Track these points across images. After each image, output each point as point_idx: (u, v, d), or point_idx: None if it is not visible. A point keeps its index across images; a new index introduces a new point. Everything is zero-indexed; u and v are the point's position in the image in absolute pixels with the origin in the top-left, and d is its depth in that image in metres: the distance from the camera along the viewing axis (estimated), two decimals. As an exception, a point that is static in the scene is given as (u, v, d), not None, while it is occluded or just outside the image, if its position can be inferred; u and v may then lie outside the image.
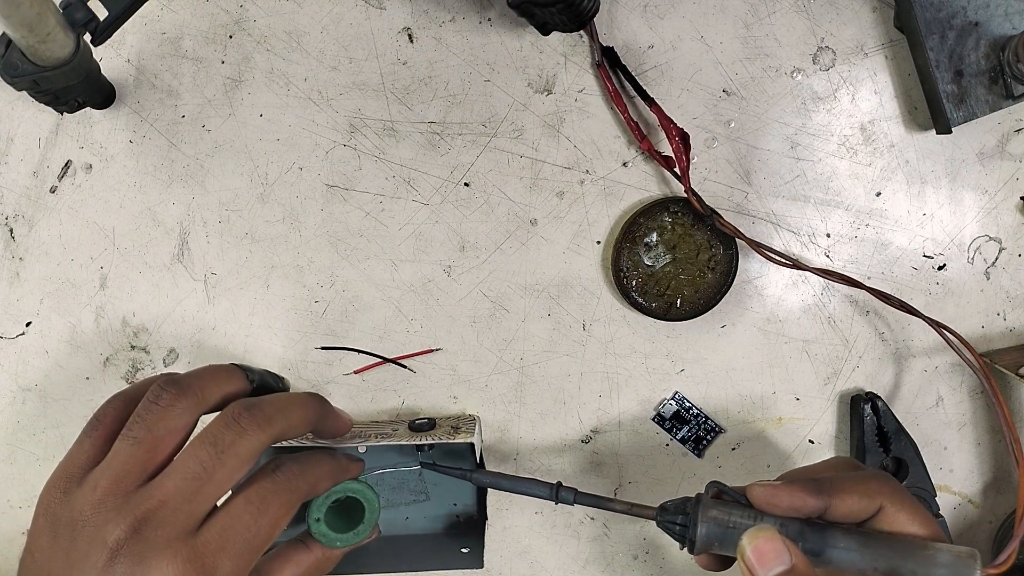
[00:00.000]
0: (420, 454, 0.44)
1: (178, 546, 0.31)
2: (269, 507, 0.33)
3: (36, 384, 0.47)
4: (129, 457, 0.33)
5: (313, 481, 0.36)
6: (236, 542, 0.32)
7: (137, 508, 0.32)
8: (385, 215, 0.46)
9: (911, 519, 0.35)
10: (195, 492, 0.32)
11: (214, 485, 0.33)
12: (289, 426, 0.35)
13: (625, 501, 0.40)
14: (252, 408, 0.34)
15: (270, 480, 0.34)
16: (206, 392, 0.35)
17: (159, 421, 0.33)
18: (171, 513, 0.32)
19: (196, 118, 0.46)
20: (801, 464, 0.49)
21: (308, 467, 0.36)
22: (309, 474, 0.35)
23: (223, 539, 0.32)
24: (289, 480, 0.35)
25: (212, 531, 0.32)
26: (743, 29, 0.46)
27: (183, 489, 0.32)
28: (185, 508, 0.32)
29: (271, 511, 0.33)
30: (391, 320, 0.47)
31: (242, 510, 0.33)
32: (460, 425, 0.46)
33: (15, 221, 0.46)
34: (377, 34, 0.45)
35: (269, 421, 0.34)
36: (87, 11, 0.36)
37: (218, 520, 0.32)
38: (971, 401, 0.49)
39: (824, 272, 0.45)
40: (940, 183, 0.47)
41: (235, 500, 0.33)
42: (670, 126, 0.44)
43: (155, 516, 0.32)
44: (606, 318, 0.48)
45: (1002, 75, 0.43)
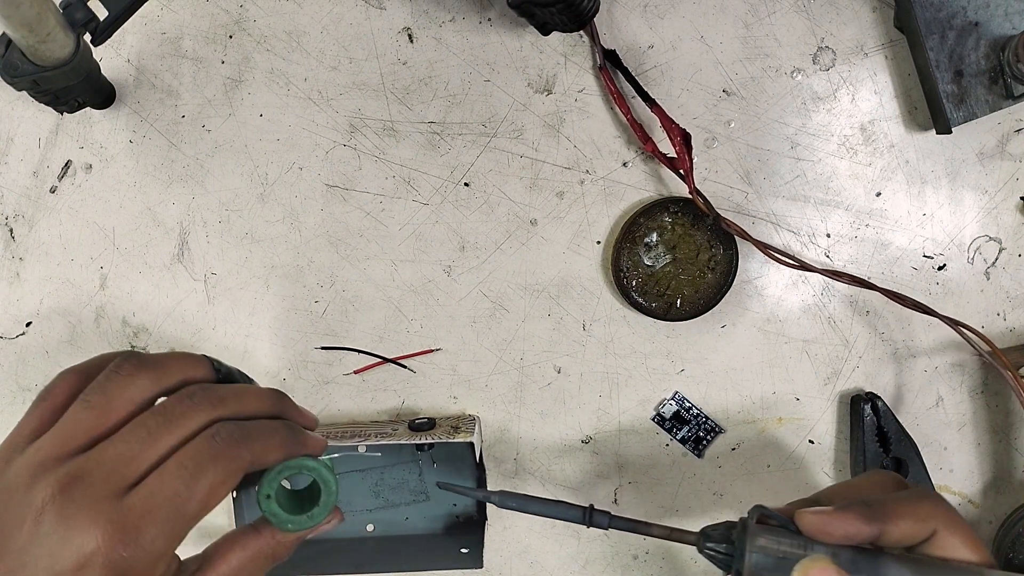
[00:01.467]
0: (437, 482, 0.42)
1: (103, 506, 0.30)
2: (204, 472, 0.31)
3: (36, 384, 0.47)
4: (77, 421, 0.32)
5: (259, 451, 0.33)
6: (164, 507, 0.31)
7: (70, 468, 0.31)
8: (385, 215, 0.46)
9: (964, 544, 0.33)
10: (133, 456, 0.31)
11: (154, 451, 0.31)
12: (242, 411, 0.34)
13: (664, 526, 0.37)
14: (207, 389, 0.34)
15: (208, 444, 0.32)
16: (168, 371, 0.34)
17: (116, 388, 0.33)
18: (103, 474, 0.31)
19: (196, 118, 0.46)
20: (800, 464, 0.49)
21: (253, 434, 0.33)
22: (254, 442, 0.33)
23: (150, 503, 0.31)
24: (229, 446, 0.32)
25: (139, 494, 0.31)
26: (743, 29, 0.46)
27: (123, 453, 0.31)
28: (119, 470, 0.31)
29: (206, 477, 0.31)
30: (391, 320, 0.47)
31: (173, 475, 0.31)
32: (460, 425, 0.46)
33: (15, 221, 0.46)
34: (377, 34, 0.45)
35: (222, 401, 0.33)
36: (87, 11, 0.36)
37: (147, 484, 0.31)
38: (971, 401, 0.49)
39: (835, 274, 0.45)
40: (940, 183, 0.47)
41: (167, 464, 0.31)
42: (672, 127, 0.44)
43: (86, 476, 0.31)
44: (606, 318, 0.48)
45: (1002, 75, 0.43)
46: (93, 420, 0.32)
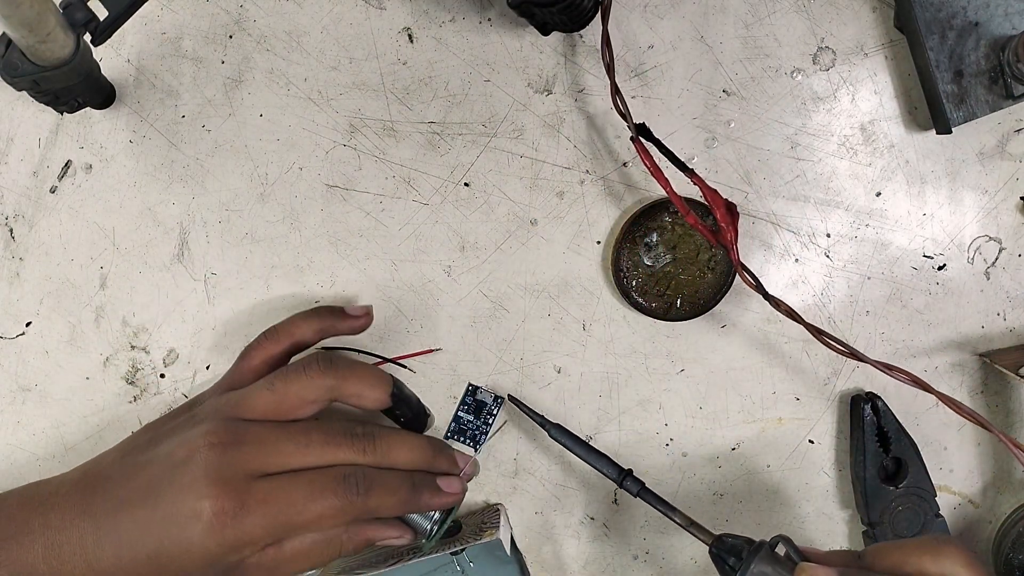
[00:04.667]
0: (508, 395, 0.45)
1: (238, 478, 0.35)
2: (321, 501, 0.36)
3: (36, 384, 0.47)
4: (259, 397, 0.38)
5: (373, 506, 0.38)
6: (277, 506, 0.36)
7: (236, 432, 0.37)
8: (385, 215, 0.46)
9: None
10: (284, 454, 0.37)
11: (301, 459, 0.37)
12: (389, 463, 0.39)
13: (687, 516, 0.40)
14: (370, 433, 0.39)
15: (337, 482, 0.37)
16: (347, 385, 0.39)
17: (297, 386, 0.38)
18: (255, 452, 0.36)
19: (196, 118, 0.46)
20: (800, 464, 0.49)
21: (375, 491, 0.38)
22: (372, 499, 0.38)
23: (270, 497, 0.36)
24: (350, 494, 0.37)
25: (267, 485, 0.36)
26: (743, 29, 0.46)
27: (279, 446, 0.37)
28: (267, 457, 0.36)
29: (319, 505, 0.36)
30: (391, 320, 0.47)
31: (299, 487, 0.36)
32: (485, 520, 0.46)
33: (15, 221, 0.46)
34: (377, 34, 0.45)
35: (374, 449, 0.39)
36: (87, 11, 0.36)
37: (278, 480, 0.36)
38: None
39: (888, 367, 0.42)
40: (940, 183, 0.47)
41: (300, 476, 0.37)
42: (716, 198, 0.42)
43: (243, 446, 0.36)
44: (606, 318, 0.48)
45: (1002, 75, 0.43)
46: (270, 404, 0.38)
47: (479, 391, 0.48)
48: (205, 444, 0.36)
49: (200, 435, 0.36)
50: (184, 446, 0.36)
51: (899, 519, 0.47)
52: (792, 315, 0.42)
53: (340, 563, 0.48)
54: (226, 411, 0.38)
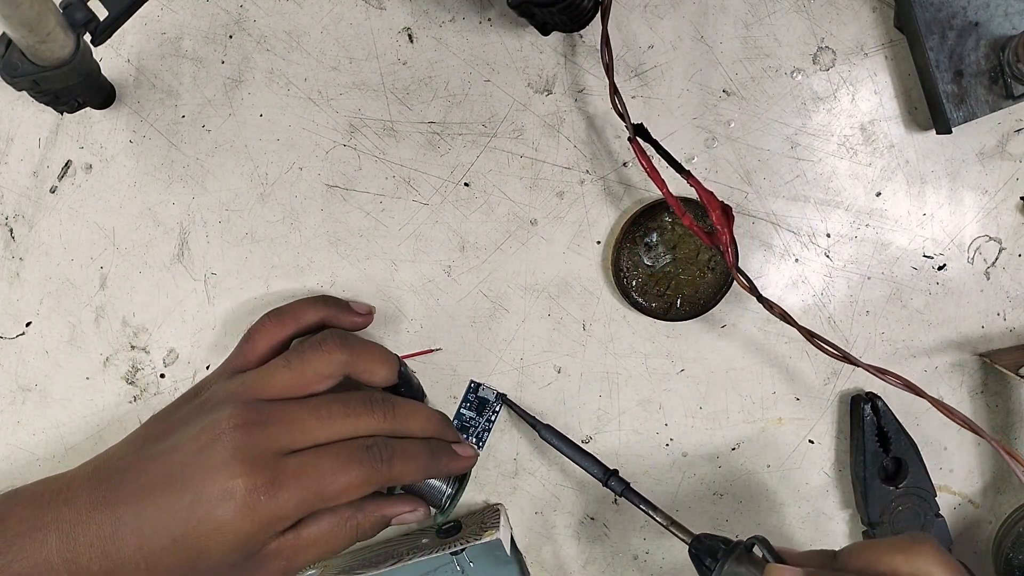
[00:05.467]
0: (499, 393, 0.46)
1: (267, 456, 0.36)
2: (349, 470, 0.37)
3: (36, 384, 0.47)
4: (276, 376, 0.39)
5: (397, 472, 0.38)
6: (308, 479, 0.36)
7: (259, 411, 0.37)
8: (385, 215, 0.46)
9: None
10: (308, 429, 0.37)
11: (325, 432, 0.37)
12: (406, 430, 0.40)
13: (668, 515, 0.41)
14: (387, 400, 0.40)
15: (362, 451, 0.37)
16: (362, 360, 0.40)
17: (314, 361, 0.39)
18: (281, 430, 0.37)
19: (196, 118, 0.46)
20: (800, 464, 0.49)
21: (398, 458, 0.38)
22: (396, 465, 0.38)
23: (300, 471, 0.36)
24: (375, 461, 0.38)
25: (297, 460, 0.36)
26: (743, 29, 0.46)
27: (303, 421, 0.37)
28: (292, 434, 0.37)
29: (348, 475, 0.37)
30: (391, 320, 0.47)
31: (327, 459, 0.37)
32: (486, 520, 0.46)
33: (15, 221, 0.46)
34: (377, 34, 0.45)
35: (394, 416, 0.39)
36: (87, 11, 0.35)
37: (306, 455, 0.37)
38: (971, 401, 0.49)
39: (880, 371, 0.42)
40: (940, 183, 0.47)
41: (327, 448, 0.37)
42: (712, 200, 0.41)
43: (267, 425, 0.37)
44: (606, 318, 0.48)
45: (1002, 75, 0.43)
46: (288, 381, 0.39)
47: (481, 388, 0.48)
48: (230, 426, 0.36)
49: (224, 418, 0.36)
50: (208, 430, 0.36)
51: (899, 519, 0.47)
52: (786, 318, 0.42)
53: (340, 562, 0.48)
54: (244, 392, 0.39)
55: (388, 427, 0.39)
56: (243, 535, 0.35)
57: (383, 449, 0.38)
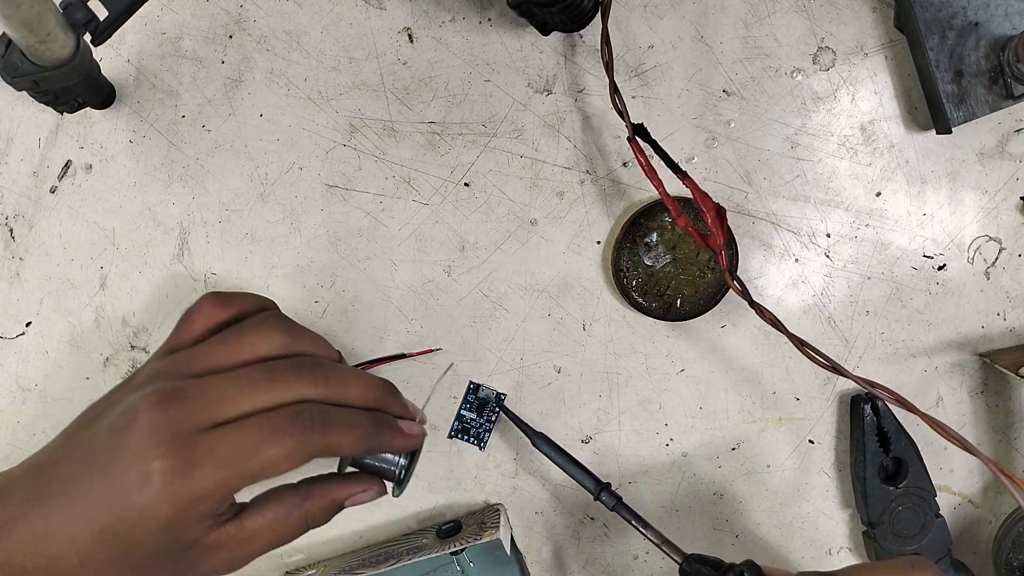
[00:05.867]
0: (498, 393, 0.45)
1: (183, 432, 0.33)
2: (274, 442, 0.33)
3: (36, 384, 0.47)
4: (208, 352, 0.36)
5: (334, 442, 0.34)
6: (225, 456, 0.33)
7: (177, 385, 0.34)
8: (385, 215, 0.46)
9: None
10: (229, 399, 0.34)
11: (248, 401, 0.34)
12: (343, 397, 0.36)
13: (660, 533, 0.41)
14: (319, 364, 0.36)
15: (288, 420, 0.34)
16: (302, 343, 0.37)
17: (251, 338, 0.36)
18: (199, 404, 0.33)
19: (196, 118, 0.46)
20: (800, 464, 0.49)
21: (333, 424, 0.35)
22: (331, 433, 0.34)
23: (216, 447, 0.33)
24: (306, 430, 0.34)
25: (213, 435, 0.33)
26: (743, 29, 0.46)
27: (223, 391, 0.34)
28: (212, 407, 0.33)
29: (272, 448, 0.33)
30: (391, 320, 0.47)
31: (247, 432, 0.33)
32: (485, 520, 0.46)
33: (15, 221, 0.46)
34: (377, 34, 0.45)
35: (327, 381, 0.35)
36: (87, 11, 0.36)
37: (223, 430, 0.33)
38: (971, 401, 0.49)
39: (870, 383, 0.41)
40: (940, 183, 0.47)
41: (248, 420, 0.33)
42: (707, 201, 0.41)
43: (185, 399, 0.33)
44: (606, 318, 0.48)
45: (1002, 75, 0.43)
46: (220, 357, 0.36)
47: (481, 388, 0.48)
48: (147, 404, 0.33)
49: (142, 397, 0.34)
50: (126, 413, 0.34)
51: (899, 519, 0.47)
52: (776, 324, 0.42)
53: (339, 562, 0.48)
54: (170, 369, 0.36)
55: (321, 393, 0.35)
56: (166, 520, 0.32)
57: (315, 416, 0.34)
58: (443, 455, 0.48)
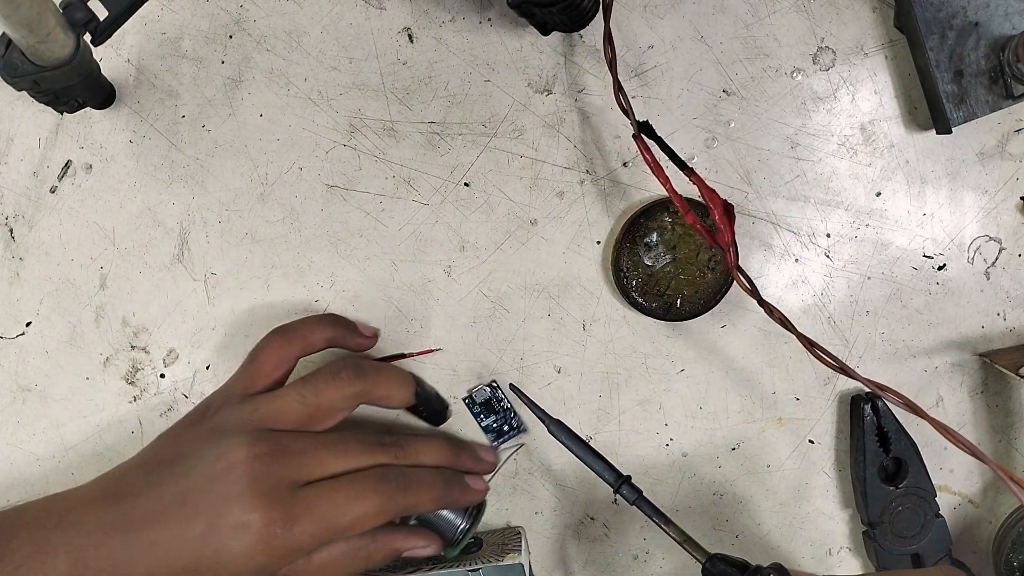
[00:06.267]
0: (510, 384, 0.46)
1: (282, 489, 0.35)
2: (364, 501, 0.37)
3: (36, 384, 0.47)
4: (289, 410, 0.38)
5: (412, 503, 0.39)
6: (323, 512, 0.36)
7: (275, 443, 0.37)
8: (385, 215, 0.46)
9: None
10: (323, 463, 0.37)
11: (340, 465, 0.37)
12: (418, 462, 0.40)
13: (683, 531, 0.41)
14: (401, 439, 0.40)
15: (376, 482, 0.37)
16: (378, 387, 0.40)
17: (328, 394, 0.39)
18: (296, 464, 0.36)
19: (196, 118, 0.46)
20: (800, 464, 0.49)
21: (413, 488, 0.39)
22: (411, 495, 0.38)
23: (315, 503, 0.36)
24: (390, 491, 0.38)
25: (311, 492, 0.36)
26: (743, 29, 0.46)
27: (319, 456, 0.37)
28: (308, 467, 0.37)
29: (363, 506, 0.36)
30: (391, 320, 0.47)
31: (342, 491, 0.36)
32: (507, 542, 0.46)
33: (15, 221, 0.46)
34: (377, 34, 0.45)
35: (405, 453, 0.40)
36: (87, 11, 0.36)
37: (320, 487, 0.37)
38: (971, 401, 0.49)
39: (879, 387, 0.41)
40: (940, 183, 0.47)
41: (341, 479, 0.37)
42: (714, 198, 0.41)
43: (282, 459, 0.36)
44: (606, 318, 0.48)
45: (1002, 75, 0.43)
46: (302, 415, 0.38)
47: (475, 392, 0.48)
48: (245, 457, 0.36)
49: (238, 447, 0.36)
50: (221, 459, 0.36)
51: (899, 519, 0.47)
52: (785, 323, 0.42)
53: None
54: (257, 421, 0.38)
55: (401, 463, 0.40)
56: (256, 567, 0.35)
57: (398, 479, 0.38)
58: (443, 455, 0.48)
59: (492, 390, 0.48)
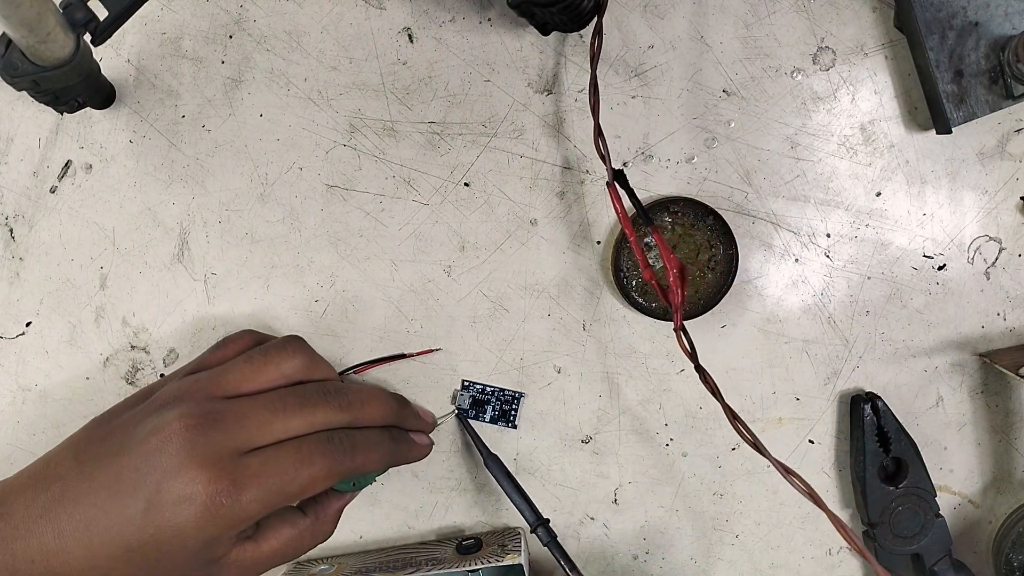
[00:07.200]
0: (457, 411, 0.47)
1: (224, 455, 0.34)
2: (312, 464, 0.35)
3: (36, 384, 0.47)
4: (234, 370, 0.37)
5: (360, 462, 0.38)
6: (270, 478, 0.34)
7: (214, 407, 0.35)
8: (385, 215, 0.46)
9: None
10: (265, 423, 0.35)
11: (282, 425, 0.36)
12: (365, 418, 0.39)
13: None
14: (342, 390, 0.39)
15: (323, 444, 0.36)
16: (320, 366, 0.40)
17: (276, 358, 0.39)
18: (237, 428, 0.35)
19: (196, 118, 0.46)
20: (801, 464, 0.49)
21: (360, 447, 0.38)
22: (359, 455, 0.37)
23: (262, 469, 0.34)
24: (338, 452, 0.36)
25: (257, 458, 0.35)
26: (743, 29, 0.46)
27: (259, 415, 0.36)
28: (250, 430, 0.35)
29: (311, 469, 0.35)
30: (391, 320, 0.47)
31: (288, 455, 0.35)
32: (507, 543, 0.46)
33: (15, 221, 0.46)
34: (377, 34, 0.45)
35: (350, 406, 0.38)
36: (87, 11, 0.36)
37: (265, 452, 0.35)
38: (971, 401, 0.49)
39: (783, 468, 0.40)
40: (940, 183, 0.47)
41: (286, 444, 0.36)
42: (669, 256, 0.41)
43: (222, 422, 0.35)
44: (606, 318, 0.48)
45: (1002, 75, 0.43)
46: (247, 375, 0.37)
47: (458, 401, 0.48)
48: (183, 426, 0.34)
49: (175, 417, 0.34)
50: (157, 432, 0.34)
51: (899, 519, 0.47)
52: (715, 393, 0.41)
53: (355, 561, 0.48)
54: (197, 390, 0.36)
55: (346, 417, 0.38)
56: (205, 540, 0.33)
57: (345, 440, 0.37)
58: (445, 454, 0.48)
59: (467, 389, 0.48)
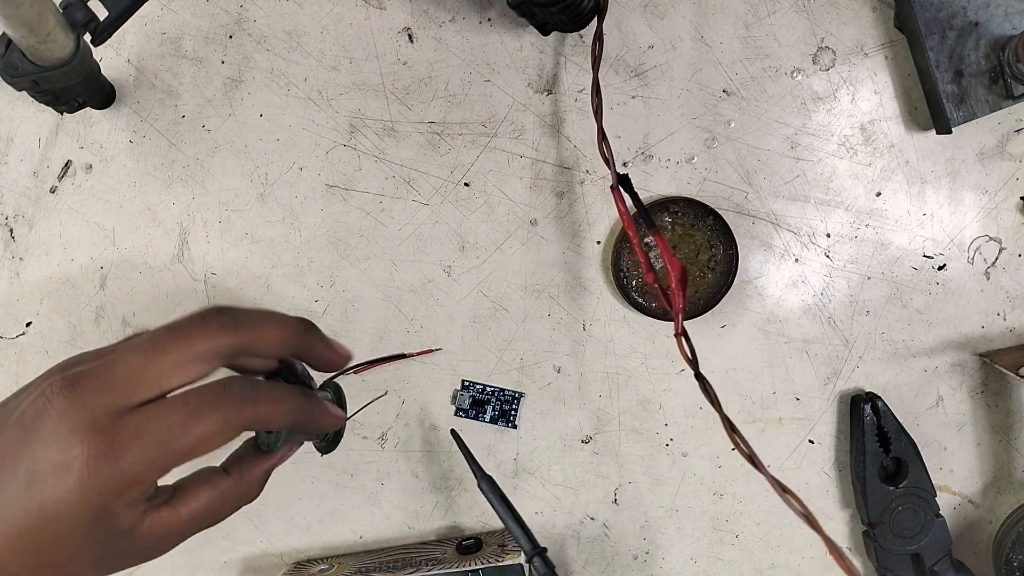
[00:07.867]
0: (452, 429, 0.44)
1: (100, 415, 0.30)
2: (203, 417, 0.31)
3: (36, 384, 0.47)
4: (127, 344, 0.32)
5: (263, 415, 0.33)
6: (155, 436, 0.30)
7: (84, 367, 0.31)
8: (385, 215, 0.46)
9: None
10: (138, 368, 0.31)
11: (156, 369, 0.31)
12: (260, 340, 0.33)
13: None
14: (224, 311, 0.33)
15: (215, 392, 0.32)
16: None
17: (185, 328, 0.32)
18: (110, 381, 0.31)
19: (196, 118, 0.46)
20: (801, 464, 0.49)
21: (263, 398, 0.33)
22: (261, 406, 0.33)
23: (144, 428, 0.30)
24: (236, 401, 0.32)
25: (137, 416, 0.31)
26: (743, 29, 0.46)
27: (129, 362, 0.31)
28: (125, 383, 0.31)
29: (203, 422, 0.31)
30: (391, 320, 0.47)
31: (174, 409, 0.31)
32: (506, 543, 0.46)
33: (15, 221, 0.46)
34: (377, 34, 0.45)
35: (236, 325, 0.33)
36: (87, 11, 0.36)
37: (147, 409, 0.31)
38: (971, 401, 0.49)
39: None
40: (940, 183, 0.47)
41: (172, 397, 0.31)
42: (671, 259, 0.41)
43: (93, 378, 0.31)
44: (606, 318, 0.48)
45: (1002, 75, 0.43)
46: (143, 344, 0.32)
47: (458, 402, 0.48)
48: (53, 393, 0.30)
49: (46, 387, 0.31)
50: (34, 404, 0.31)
51: (899, 519, 0.47)
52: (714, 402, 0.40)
53: (355, 561, 0.48)
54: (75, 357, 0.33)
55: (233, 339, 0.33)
56: (92, 511, 0.30)
57: (243, 388, 0.32)
58: (445, 454, 0.48)
59: (467, 389, 0.48)
